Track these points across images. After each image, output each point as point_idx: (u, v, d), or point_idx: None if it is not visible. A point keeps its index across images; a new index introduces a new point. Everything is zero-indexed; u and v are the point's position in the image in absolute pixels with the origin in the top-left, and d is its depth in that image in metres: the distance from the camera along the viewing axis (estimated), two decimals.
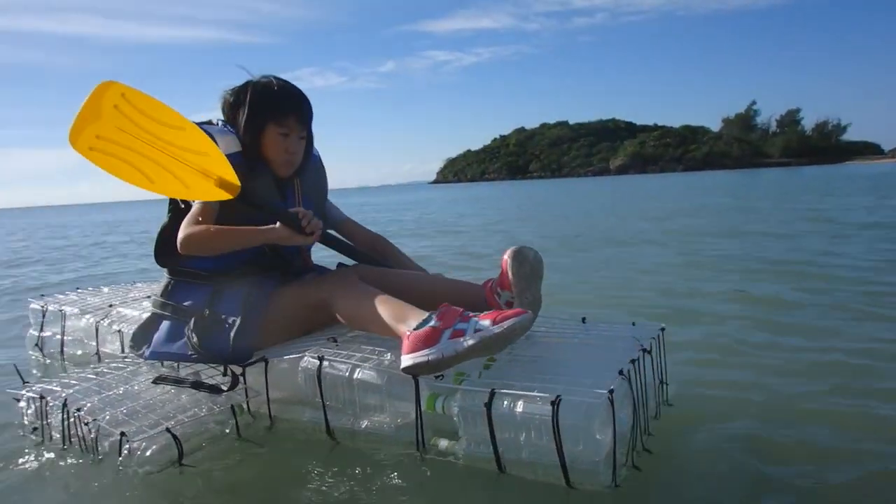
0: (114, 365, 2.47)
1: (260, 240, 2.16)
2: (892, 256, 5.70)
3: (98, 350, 2.91)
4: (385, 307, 2.05)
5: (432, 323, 1.87)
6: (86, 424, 2.05)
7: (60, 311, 3.14)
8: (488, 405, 1.74)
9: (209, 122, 2.29)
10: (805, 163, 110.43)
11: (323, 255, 2.65)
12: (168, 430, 1.98)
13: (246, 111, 2.24)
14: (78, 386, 2.27)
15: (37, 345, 3.24)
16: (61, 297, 3.38)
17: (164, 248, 2.35)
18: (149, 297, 3.18)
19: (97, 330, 2.91)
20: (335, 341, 2.21)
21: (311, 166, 2.45)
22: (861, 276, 4.85)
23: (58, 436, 2.19)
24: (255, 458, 2.14)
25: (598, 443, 1.65)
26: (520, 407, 1.71)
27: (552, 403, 1.66)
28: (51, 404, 2.20)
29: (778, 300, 4.16)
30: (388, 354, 2.04)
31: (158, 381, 2.23)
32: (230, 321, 2.22)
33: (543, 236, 9.71)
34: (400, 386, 1.94)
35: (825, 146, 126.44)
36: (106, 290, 3.49)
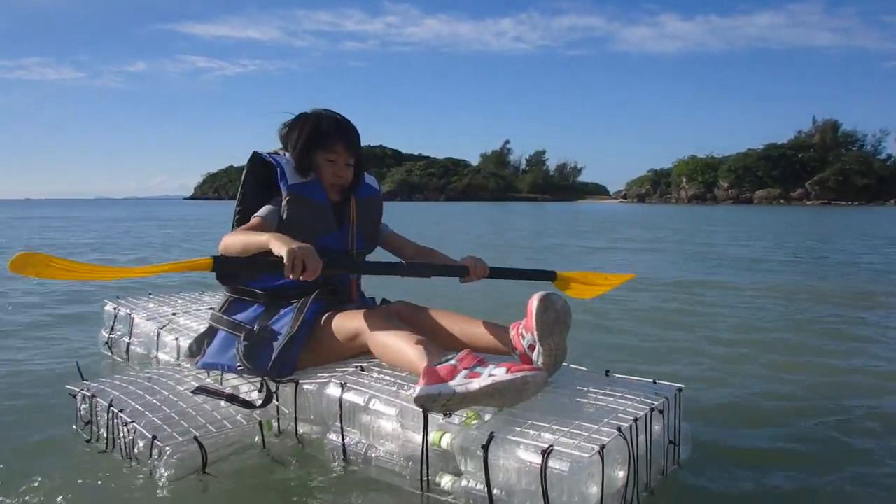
0: (166, 371, 2.66)
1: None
2: None
3: (157, 355, 3.11)
4: (410, 344, 2.14)
5: (452, 362, 1.96)
6: (125, 425, 2.22)
7: (129, 315, 3.38)
8: (485, 447, 1.80)
9: (276, 153, 2.54)
10: (548, 199, 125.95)
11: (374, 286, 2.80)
12: (196, 438, 2.13)
13: (296, 142, 2.49)
14: (127, 388, 2.45)
15: (106, 343, 3.50)
16: (133, 300, 3.63)
17: None
18: (211, 308, 3.39)
19: (158, 336, 3.12)
20: (362, 370, 2.31)
21: (368, 192, 2.67)
22: None
23: (105, 434, 2.38)
24: (274, 474, 2.26)
25: (584, 496, 1.68)
26: (514, 452, 1.77)
27: (543, 453, 1.70)
28: (99, 404, 2.38)
29: None
30: (406, 387, 2.13)
31: (198, 391, 2.38)
32: (277, 337, 2.38)
33: None
34: (413, 419, 2.02)
35: (564, 185, 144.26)
36: (177, 299, 3.72)
